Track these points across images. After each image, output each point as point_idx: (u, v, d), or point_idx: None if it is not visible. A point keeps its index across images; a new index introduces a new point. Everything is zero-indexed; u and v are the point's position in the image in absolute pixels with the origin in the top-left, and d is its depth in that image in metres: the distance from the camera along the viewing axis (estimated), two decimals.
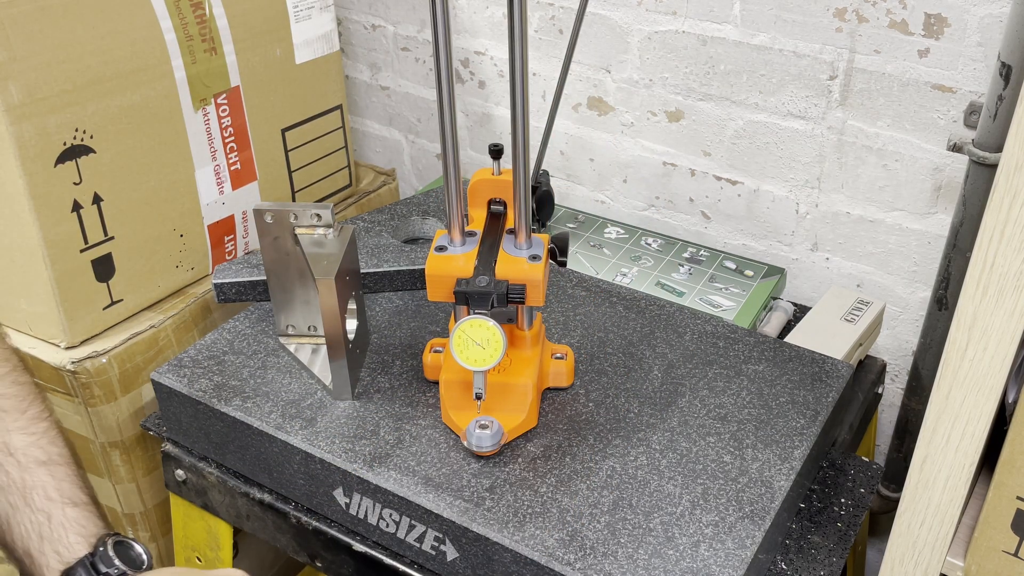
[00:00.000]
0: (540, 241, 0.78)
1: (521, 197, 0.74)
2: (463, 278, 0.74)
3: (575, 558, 0.69)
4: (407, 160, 1.50)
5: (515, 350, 0.81)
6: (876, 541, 1.27)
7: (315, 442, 0.80)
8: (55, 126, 0.87)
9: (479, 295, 0.73)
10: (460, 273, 0.75)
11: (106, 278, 0.97)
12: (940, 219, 1.05)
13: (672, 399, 0.84)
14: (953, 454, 0.65)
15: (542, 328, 0.84)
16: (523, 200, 0.74)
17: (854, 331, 1.01)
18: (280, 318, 0.92)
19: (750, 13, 1.06)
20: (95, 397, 0.95)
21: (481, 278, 0.74)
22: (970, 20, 0.94)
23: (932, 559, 0.70)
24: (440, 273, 0.75)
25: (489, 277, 0.74)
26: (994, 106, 0.87)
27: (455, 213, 0.76)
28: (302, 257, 0.85)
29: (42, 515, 0.71)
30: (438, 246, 0.77)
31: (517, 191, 0.74)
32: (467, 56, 1.32)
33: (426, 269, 0.76)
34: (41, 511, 0.71)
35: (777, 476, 0.76)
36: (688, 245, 1.19)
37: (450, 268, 0.75)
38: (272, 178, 1.13)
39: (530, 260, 0.75)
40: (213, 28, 1.00)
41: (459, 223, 0.77)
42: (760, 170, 1.14)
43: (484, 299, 0.73)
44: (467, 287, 0.73)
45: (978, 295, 0.59)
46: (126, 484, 1.01)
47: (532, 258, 0.75)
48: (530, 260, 0.75)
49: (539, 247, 0.77)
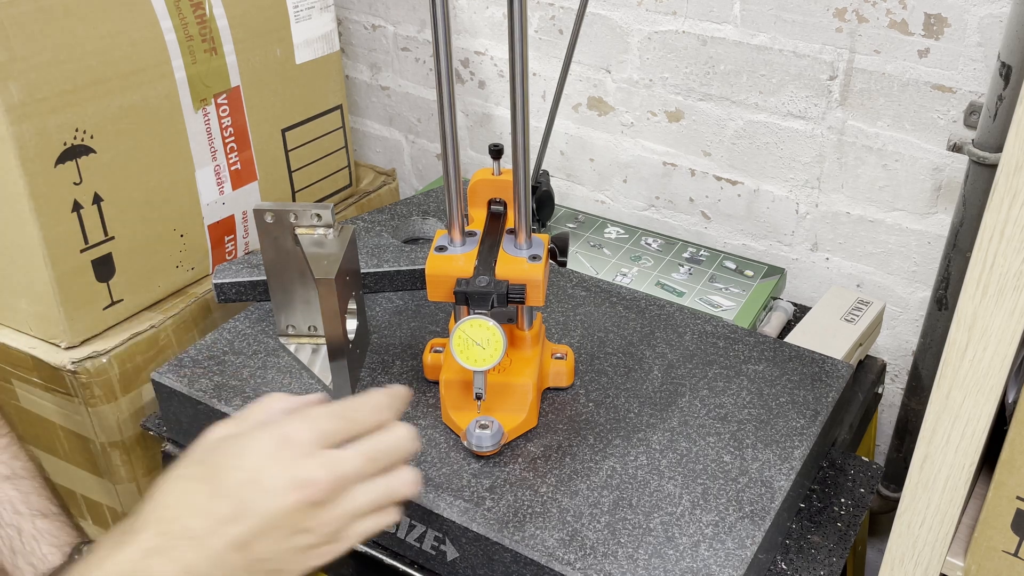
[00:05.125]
0: (540, 241, 0.78)
1: (521, 197, 0.74)
2: (463, 278, 0.74)
3: (575, 558, 0.69)
4: (407, 160, 1.50)
5: (515, 350, 0.81)
6: (876, 541, 1.27)
7: None
8: (55, 126, 0.87)
9: (479, 295, 0.73)
10: (460, 273, 0.75)
11: (106, 278, 0.97)
12: (940, 219, 1.05)
13: (672, 399, 0.84)
14: (953, 454, 0.65)
15: (542, 328, 0.84)
16: (523, 200, 0.74)
17: (854, 331, 1.01)
18: (280, 318, 0.92)
19: (750, 13, 1.06)
20: (95, 397, 0.95)
21: (481, 278, 0.74)
22: (970, 20, 0.94)
23: (932, 559, 0.70)
24: (440, 273, 0.75)
25: (489, 277, 0.74)
26: (994, 106, 0.87)
27: (455, 213, 0.76)
28: (302, 257, 0.85)
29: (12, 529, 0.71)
30: (438, 246, 0.77)
31: (517, 191, 0.74)
32: (467, 56, 1.32)
33: (426, 269, 0.76)
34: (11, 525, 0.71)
35: (777, 476, 0.76)
36: (688, 245, 1.19)
37: (450, 268, 0.75)
38: (272, 178, 1.13)
39: (530, 260, 0.75)
40: (213, 28, 1.00)
41: (459, 223, 0.77)
42: (760, 170, 1.14)
43: (484, 299, 0.73)
44: (467, 287, 0.73)
45: (978, 295, 0.59)
46: (126, 484, 1.01)
47: (532, 258, 0.75)
48: (530, 260, 0.75)
49: (539, 247, 0.77)
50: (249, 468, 0.53)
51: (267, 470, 0.53)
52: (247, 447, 0.55)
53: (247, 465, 0.54)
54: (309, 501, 0.53)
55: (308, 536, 0.54)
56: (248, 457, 0.54)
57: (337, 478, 0.54)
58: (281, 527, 0.53)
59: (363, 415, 0.58)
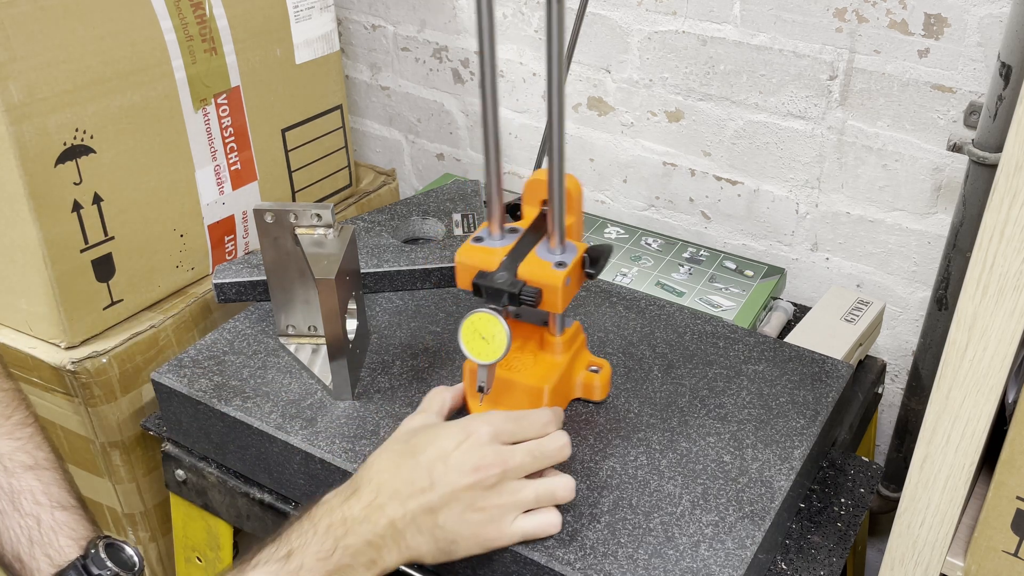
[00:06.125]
0: (575, 249, 0.77)
1: (556, 202, 0.74)
2: (486, 271, 0.75)
3: (575, 558, 0.69)
4: (407, 160, 1.50)
5: (543, 353, 0.81)
6: (876, 541, 1.27)
7: (315, 442, 0.80)
8: (55, 126, 0.87)
9: (492, 290, 0.74)
10: (485, 266, 0.75)
11: (106, 278, 0.97)
12: (940, 219, 1.05)
13: (672, 399, 0.84)
14: (953, 454, 0.65)
15: (581, 338, 0.83)
16: (557, 205, 0.74)
17: (854, 331, 1.01)
18: (280, 318, 0.92)
19: (750, 13, 1.06)
20: (95, 397, 0.95)
21: (501, 274, 0.74)
22: (970, 20, 0.94)
23: (932, 559, 0.70)
24: (467, 262, 0.76)
25: (509, 275, 0.74)
26: (994, 106, 0.87)
27: (495, 208, 0.77)
28: (302, 257, 0.85)
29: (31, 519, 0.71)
30: (476, 237, 0.78)
31: (552, 196, 0.74)
32: (467, 56, 1.32)
33: (456, 256, 0.77)
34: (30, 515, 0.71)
35: (777, 476, 0.76)
36: (688, 245, 1.19)
37: (478, 259, 0.76)
38: (272, 178, 1.13)
39: (555, 266, 0.74)
40: (213, 28, 1.00)
41: (499, 218, 0.77)
42: (760, 170, 1.14)
43: (495, 295, 0.73)
44: (483, 280, 0.74)
45: (978, 295, 0.59)
46: (126, 484, 1.01)
47: (558, 264, 0.75)
48: (555, 266, 0.74)
49: (571, 254, 0.76)
50: (440, 450, 0.68)
51: (453, 453, 0.67)
52: (440, 434, 0.69)
53: (439, 448, 0.68)
54: (483, 483, 0.67)
55: (480, 515, 0.67)
56: (440, 442, 0.68)
57: (507, 466, 0.68)
58: (460, 501, 0.66)
59: (531, 421, 0.71)
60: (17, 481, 0.73)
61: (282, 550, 0.64)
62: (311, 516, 0.66)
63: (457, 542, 0.67)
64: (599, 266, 0.76)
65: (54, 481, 0.74)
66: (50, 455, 0.76)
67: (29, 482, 0.73)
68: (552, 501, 0.70)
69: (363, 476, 0.68)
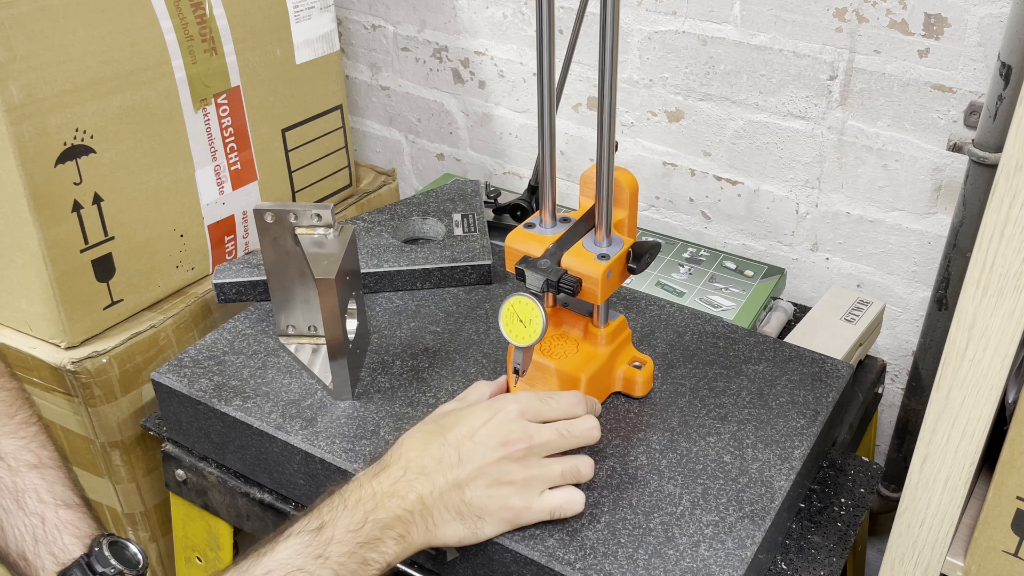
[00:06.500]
0: (621, 243, 0.78)
1: (604, 195, 0.75)
2: (530, 257, 0.76)
3: (575, 558, 0.69)
4: (407, 160, 1.50)
5: (586, 344, 0.82)
6: (876, 541, 1.27)
7: (315, 442, 0.80)
8: (55, 126, 0.87)
9: (531, 276, 0.75)
10: (531, 251, 0.77)
11: (106, 278, 0.97)
12: (940, 219, 1.05)
13: (672, 399, 0.84)
14: (953, 454, 0.65)
15: (625, 333, 0.84)
16: (605, 198, 0.75)
17: (854, 331, 1.01)
18: (280, 318, 0.92)
19: (750, 13, 1.06)
20: (95, 397, 0.95)
21: (544, 261, 0.76)
22: (970, 20, 0.94)
23: (932, 559, 0.70)
24: (514, 246, 0.78)
25: (551, 263, 0.76)
26: (994, 106, 0.87)
27: (547, 198, 0.79)
28: (302, 257, 0.85)
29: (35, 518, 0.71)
30: (528, 223, 0.80)
31: (600, 189, 0.75)
32: (467, 56, 1.32)
33: (505, 240, 0.79)
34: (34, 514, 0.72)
35: (777, 476, 0.76)
36: (688, 245, 1.19)
37: (524, 244, 0.78)
38: (272, 178, 1.13)
39: (598, 258, 0.76)
40: (213, 28, 1.00)
41: (550, 207, 0.79)
42: (760, 170, 1.14)
43: (535, 281, 0.75)
44: (526, 265, 0.76)
45: (978, 295, 0.59)
46: (126, 484, 1.01)
47: (601, 256, 0.76)
48: (598, 258, 0.76)
49: (616, 248, 0.77)
50: (468, 427, 0.70)
51: (481, 430, 0.69)
52: (468, 413, 0.71)
53: (467, 426, 0.70)
54: (510, 457, 0.68)
55: (507, 488, 0.68)
56: (468, 421, 0.70)
57: (533, 441, 0.69)
58: (487, 475, 0.68)
59: (559, 401, 0.73)
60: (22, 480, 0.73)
61: (313, 523, 0.65)
62: (341, 492, 0.67)
63: (483, 518, 0.68)
64: (642, 262, 0.78)
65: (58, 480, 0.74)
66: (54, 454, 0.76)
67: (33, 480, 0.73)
68: (576, 478, 0.72)
69: (393, 454, 0.69)
